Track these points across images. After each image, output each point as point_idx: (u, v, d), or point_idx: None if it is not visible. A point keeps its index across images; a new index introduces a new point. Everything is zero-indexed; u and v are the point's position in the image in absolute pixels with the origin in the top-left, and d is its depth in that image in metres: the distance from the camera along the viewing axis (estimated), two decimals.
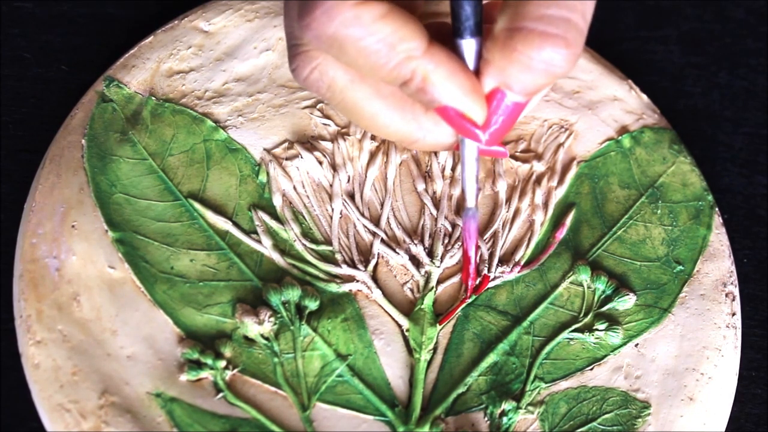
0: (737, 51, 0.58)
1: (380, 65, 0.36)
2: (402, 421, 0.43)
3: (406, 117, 0.39)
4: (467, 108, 0.38)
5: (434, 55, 0.37)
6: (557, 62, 0.36)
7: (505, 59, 0.36)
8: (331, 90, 0.39)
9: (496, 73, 0.37)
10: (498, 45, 0.37)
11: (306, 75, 0.39)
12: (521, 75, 0.37)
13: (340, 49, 0.36)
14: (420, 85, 0.37)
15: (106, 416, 0.41)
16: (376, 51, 0.36)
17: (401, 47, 0.36)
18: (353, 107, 0.39)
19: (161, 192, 0.47)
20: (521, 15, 0.36)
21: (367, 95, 0.39)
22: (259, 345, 0.44)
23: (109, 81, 0.49)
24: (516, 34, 0.36)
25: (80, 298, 0.43)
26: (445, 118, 0.38)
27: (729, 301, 0.47)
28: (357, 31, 0.35)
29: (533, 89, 0.37)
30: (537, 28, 0.36)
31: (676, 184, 0.50)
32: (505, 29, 0.36)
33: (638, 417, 0.44)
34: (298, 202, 0.48)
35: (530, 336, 0.46)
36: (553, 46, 0.36)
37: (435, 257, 0.47)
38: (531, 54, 0.36)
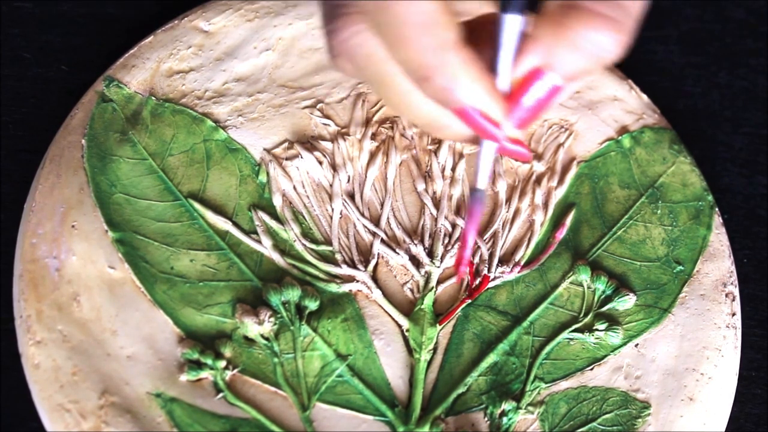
0: (737, 51, 0.58)
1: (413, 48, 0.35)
2: (402, 421, 0.43)
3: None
4: (489, 108, 0.37)
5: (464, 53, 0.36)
6: (607, 46, 0.35)
7: (554, 36, 0.36)
8: (368, 59, 0.37)
9: (541, 50, 0.36)
10: (548, 21, 0.36)
11: (345, 37, 0.37)
12: (568, 54, 0.36)
13: (386, 10, 0.35)
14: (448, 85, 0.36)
15: (106, 416, 0.41)
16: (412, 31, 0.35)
17: (437, 34, 0.35)
18: (388, 81, 0.38)
19: (161, 192, 0.47)
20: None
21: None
22: (259, 345, 0.44)
23: (109, 81, 0.49)
24: (570, 11, 0.35)
25: (80, 298, 0.43)
26: (464, 120, 0.37)
27: (729, 301, 0.47)
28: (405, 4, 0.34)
29: (576, 72, 0.36)
30: (593, 8, 0.35)
31: (676, 184, 0.50)
32: (559, 5, 0.36)
33: (638, 417, 0.44)
34: (298, 202, 0.48)
35: (530, 336, 0.46)
36: (607, 29, 0.35)
37: (435, 257, 0.47)
38: (583, 33, 0.35)
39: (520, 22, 0.37)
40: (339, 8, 0.37)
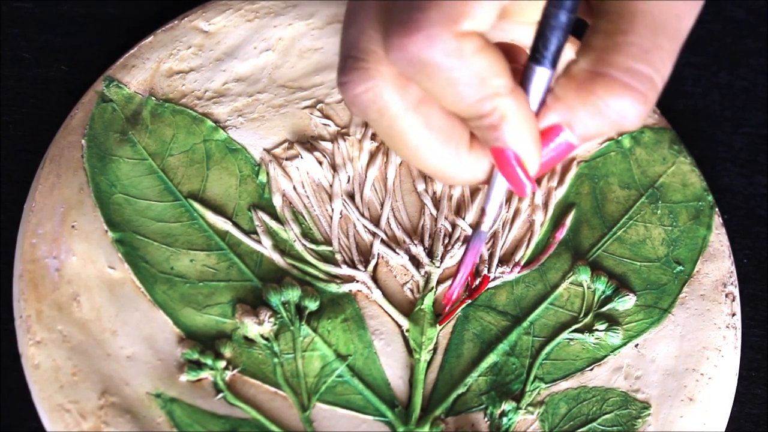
0: (737, 51, 0.58)
1: (466, 97, 0.35)
2: (402, 422, 0.43)
3: (449, 152, 0.38)
4: (528, 156, 0.37)
5: (518, 96, 0.36)
6: (630, 116, 0.36)
7: (579, 100, 0.36)
8: (380, 114, 0.37)
9: (563, 110, 0.37)
10: (574, 83, 0.36)
11: (358, 92, 0.37)
12: (589, 119, 0.36)
13: (429, 75, 0.35)
14: (495, 122, 0.36)
15: (106, 416, 0.41)
16: (467, 83, 0.35)
17: (492, 83, 0.35)
18: (399, 136, 0.38)
19: (161, 192, 0.47)
20: (607, 62, 0.36)
21: (418, 126, 0.37)
22: (259, 345, 0.44)
23: (109, 81, 0.49)
24: (598, 79, 0.36)
25: (80, 299, 0.43)
26: (499, 160, 0.37)
27: (729, 302, 0.47)
28: (454, 61, 0.35)
29: (593, 135, 0.37)
30: (622, 79, 0.36)
31: (676, 185, 0.50)
32: (587, 71, 0.36)
33: (638, 417, 0.44)
34: (298, 203, 0.48)
35: (530, 336, 0.46)
36: (632, 100, 0.36)
37: (435, 257, 0.47)
38: (609, 101, 0.36)
39: (549, 76, 0.37)
40: (354, 61, 0.37)
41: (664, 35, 0.36)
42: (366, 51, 0.37)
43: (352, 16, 0.38)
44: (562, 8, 0.36)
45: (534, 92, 0.37)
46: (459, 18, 0.34)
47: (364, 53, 0.37)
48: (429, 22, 0.34)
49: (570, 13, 0.36)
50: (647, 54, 0.36)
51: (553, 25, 0.36)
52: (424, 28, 0.34)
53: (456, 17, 0.34)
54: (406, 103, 0.37)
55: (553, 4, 0.36)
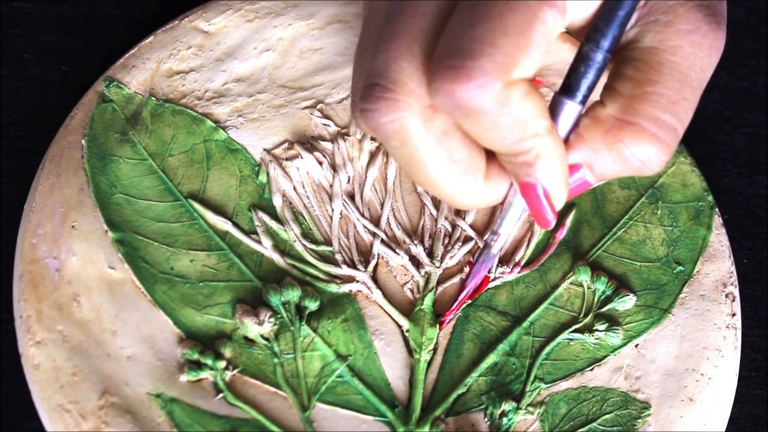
0: (737, 51, 0.58)
1: (507, 138, 0.36)
2: (402, 422, 0.43)
3: (467, 182, 0.39)
4: (556, 192, 0.38)
5: (554, 137, 0.37)
6: (653, 164, 0.38)
7: (605, 145, 0.37)
8: (403, 143, 0.37)
9: (587, 151, 0.38)
10: (601, 128, 0.38)
11: (383, 122, 0.37)
12: (612, 163, 0.38)
13: (475, 120, 0.36)
14: (531, 160, 0.37)
15: (106, 417, 0.41)
16: (511, 126, 0.36)
17: (533, 125, 0.36)
18: (419, 165, 0.38)
19: (161, 192, 0.47)
20: (636, 111, 0.37)
21: (440, 158, 0.38)
22: (259, 345, 0.44)
23: (109, 81, 0.49)
24: (626, 127, 0.37)
25: (80, 299, 0.43)
26: (526, 195, 0.38)
27: (729, 302, 0.47)
28: (501, 107, 0.35)
29: (610, 177, 0.38)
30: (649, 129, 0.37)
31: (676, 185, 0.50)
32: (615, 117, 0.37)
33: (638, 417, 0.44)
34: (298, 203, 0.48)
35: (530, 336, 0.46)
36: (658, 150, 0.37)
37: (435, 258, 0.47)
38: (635, 149, 0.37)
39: (579, 112, 0.38)
40: (382, 90, 0.37)
41: (689, 87, 0.38)
42: (396, 82, 0.36)
43: (381, 43, 0.37)
44: (600, 49, 0.37)
45: (563, 125, 0.38)
46: (510, 67, 0.35)
47: (394, 83, 0.36)
48: (481, 71, 0.34)
49: (608, 53, 0.38)
50: (674, 105, 0.37)
51: (590, 64, 0.38)
52: (475, 78, 0.34)
53: (507, 67, 0.35)
54: (430, 136, 0.37)
55: (592, 44, 0.37)
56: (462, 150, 0.38)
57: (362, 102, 0.37)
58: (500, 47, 0.35)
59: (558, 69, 0.52)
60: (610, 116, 0.38)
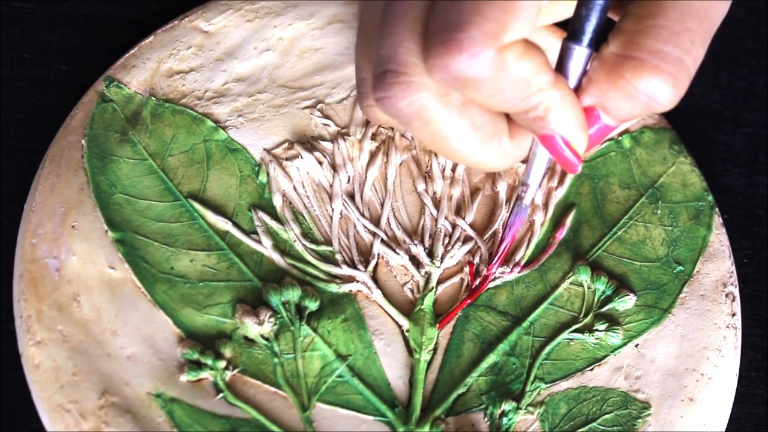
0: (737, 51, 0.58)
1: (512, 99, 0.36)
2: (402, 422, 0.43)
3: (494, 145, 0.39)
4: (575, 139, 0.38)
5: (560, 87, 0.37)
6: (660, 98, 0.37)
7: (609, 83, 0.37)
8: (425, 123, 0.38)
9: (596, 93, 0.38)
10: (605, 67, 0.37)
11: (402, 106, 0.37)
12: (621, 102, 0.37)
13: (474, 89, 0.36)
14: (541, 114, 0.37)
15: (106, 416, 0.41)
16: (512, 88, 0.36)
17: (535, 82, 0.36)
18: (445, 140, 0.38)
19: (161, 192, 0.47)
20: (637, 45, 0.37)
21: (464, 129, 0.38)
22: (259, 345, 0.44)
23: (109, 81, 0.49)
24: (626, 62, 0.37)
25: (80, 299, 0.43)
26: (547, 145, 0.38)
27: (729, 302, 0.47)
28: (498, 73, 0.35)
29: (628, 117, 0.38)
30: (650, 61, 0.36)
31: (676, 185, 0.50)
32: (616, 54, 0.37)
33: (638, 417, 0.44)
34: (298, 203, 0.48)
35: (530, 336, 0.46)
36: (661, 82, 0.37)
37: (435, 258, 0.47)
38: (637, 84, 0.37)
39: (587, 56, 0.38)
40: (394, 75, 0.37)
41: (694, 18, 0.37)
42: (406, 64, 0.37)
43: (384, 30, 0.38)
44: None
45: (573, 71, 0.38)
46: (500, 33, 0.35)
47: (405, 66, 0.37)
48: (471, 42, 0.35)
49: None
50: (676, 36, 0.36)
51: (591, 6, 0.37)
52: (466, 48, 0.35)
53: (497, 32, 0.35)
54: (450, 110, 0.37)
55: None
56: (483, 116, 0.38)
57: (376, 92, 0.37)
58: (487, 15, 0.35)
59: None
60: (612, 54, 0.37)
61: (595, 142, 0.39)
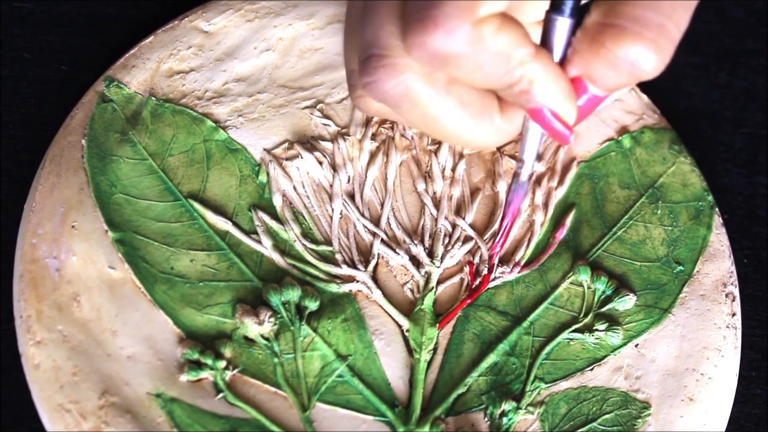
0: (737, 51, 0.58)
1: (493, 74, 0.36)
2: (402, 422, 0.43)
3: (484, 122, 0.39)
4: (563, 110, 0.38)
5: (542, 59, 0.37)
6: (643, 65, 0.36)
7: (592, 53, 0.37)
8: (413, 104, 0.38)
9: (581, 63, 0.37)
10: (587, 37, 0.37)
11: (388, 88, 0.37)
12: (605, 71, 0.37)
13: (454, 65, 0.36)
14: (525, 87, 0.37)
15: (106, 416, 0.41)
16: (492, 63, 0.36)
17: (515, 55, 0.36)
18: (435, 120, 0.38)
19: (161, 192, 0.47)
20: (616, 12, 0.36)
21: (452, 107, 0.38)
22: (259, 345, 0.44)
23: (109, 81, 0.49)
24: (607, 30, 0.36)
25: (80, 299, 0.43)
26: (536, 119, 0.38)
27: (729, 302, 0.47)
28: (476, 47, 0.35)
29: (614, 86, 0.38)
30: (630, 28, 0.36)
31: (676, 185, 0.50)
32: (597, 23, 0.37)
33: (638, 417, 0.44)
34: (298, 203, 0.48)
35: (530, 336, 0.46)
36: (643, 48, 0.36)
37: (435, 257, 0.47)
38: (618, 52, 0.36)
39: (570, 26, 0.38)
40: (379, 59, 0.37)
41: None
42: (389, 47, 0.37)
43: (366, 17, 0.38)
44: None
45: (557, 42, 0.38)
46: (474, 7, 0.35)
47: (387, 49, 0.37)
48: (446, 17, 0.35)
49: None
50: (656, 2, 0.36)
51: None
52: (441, 24, 0.35)
53: (471, 7, 0.35)
54: (436, 89, 0.37)
55: None
56: (471, 94, 0.38)
57: (363, 77, 0.38)
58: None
59: None
60: (594, 23, 0.37)
61: (586, 113, 0.39)
